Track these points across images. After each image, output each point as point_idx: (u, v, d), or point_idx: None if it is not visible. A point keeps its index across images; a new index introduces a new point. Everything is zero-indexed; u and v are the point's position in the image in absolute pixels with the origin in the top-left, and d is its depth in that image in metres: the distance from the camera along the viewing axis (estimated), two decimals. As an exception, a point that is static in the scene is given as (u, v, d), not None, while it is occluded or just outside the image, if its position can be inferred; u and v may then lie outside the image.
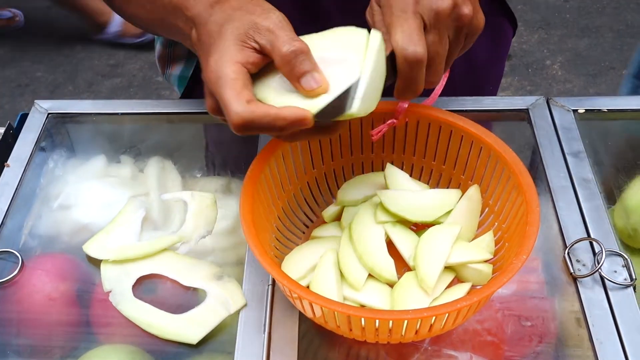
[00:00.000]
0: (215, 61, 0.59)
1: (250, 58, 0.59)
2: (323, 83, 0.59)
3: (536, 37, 2.80)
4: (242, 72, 0.58)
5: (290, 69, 0.58)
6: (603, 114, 0.88)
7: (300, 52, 0.58)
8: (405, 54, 0.59)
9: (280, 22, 0.59)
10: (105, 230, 0.76)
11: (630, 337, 0.65)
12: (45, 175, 0.86)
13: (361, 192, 0.76)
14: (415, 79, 0.61)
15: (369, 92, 0.59)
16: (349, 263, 0.67)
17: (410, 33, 0.59)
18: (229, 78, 0.57)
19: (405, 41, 0.59)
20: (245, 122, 0.56)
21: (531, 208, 0.63)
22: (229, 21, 0.60)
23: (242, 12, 0.61)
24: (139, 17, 0.76)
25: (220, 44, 0.59)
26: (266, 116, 0.56)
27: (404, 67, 0.60)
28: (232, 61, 0.58)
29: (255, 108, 0.56)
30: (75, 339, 0.71)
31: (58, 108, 0.91)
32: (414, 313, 0.57)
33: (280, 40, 0.58)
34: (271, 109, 0.57)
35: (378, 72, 0.60)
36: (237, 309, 0.68)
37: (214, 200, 0.78)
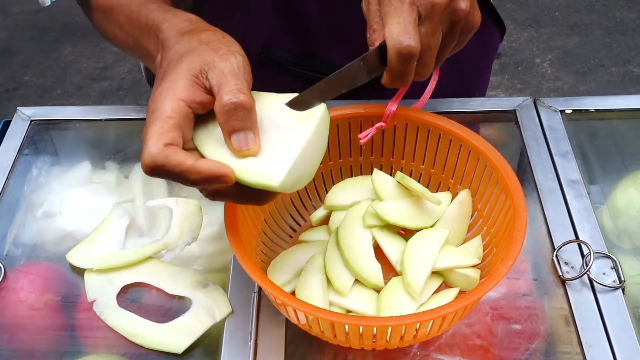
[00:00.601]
0: (160, 92, 0.56)
1: (197, 97, 0.56)
2: (254, 146, 0.56)
3: (526, 35, 2.81)
4: (181, 112, 0.55)
5: (225, 120, 0.56)
6: (590, 114, 0.88)
7: (241, 106, 0.55)
8: (398, 47, 0.58)
9: (237, 68, 0.57)
10: (88, 239, 0.75)
11: (619, 339, 0.64)
12: (29, 183, 0.85)
13: (349, 196, 0.75)
14: (405, 72, 0.60)
15: (298, 169, 0.56)
16: (336, 268, 0.67)
17: (406, 26, 0.58)
18: (164, 115, 0.54)
19: (400, 34, 0.58)
20: (155, 166, 0.53)
21: (518, 213, 0.62)
22: (189, 54, 0.59)
23: (205, 48, 0.59)
24: (116, 36, 0.76)
25: (172, 75, 0.57)
26: (179, 165, 0.53)
27: (395, 60, 0.59)
28: (175, 97, 0.55)
29: (171, 154, 0.53)
30: (59, 350, 0.70)
31: (41, 115, 0.90)
32: (397, 320, 0.56)
33: (226, 88, 0.55)
34: (187, 160, 0.53)
35: (315, 148, 0.58)
36: (223, 317, 0.67)
37: (199, 206, 0.77)
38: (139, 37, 0.69)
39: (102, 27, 0.78)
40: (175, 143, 0.54)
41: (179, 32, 0.62)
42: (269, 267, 0.68)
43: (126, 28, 0.72)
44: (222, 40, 0.60)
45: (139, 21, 0.69)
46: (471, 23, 0.63)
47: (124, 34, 0.73)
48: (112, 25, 0.75)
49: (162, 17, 0.65)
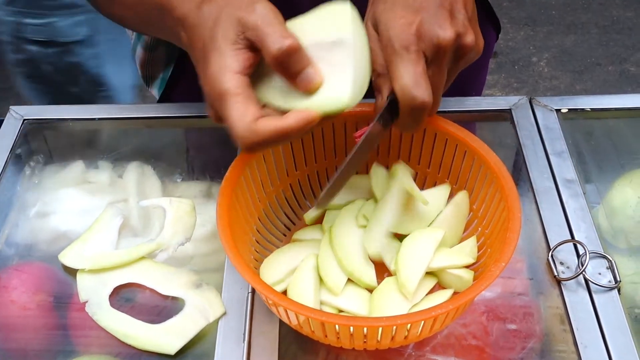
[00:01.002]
0: (214, 74, 0.57)
1: (247, 61, 0.57)
2: (318, 78, 0.57)
3: (522, 34, 2.81)
4: (243, 84, 0.56)
5: (283, 69, 0.57)
6: (586, 113, 0.87)
7: (291, 50, 0.56)
8: (412, 102, 0.58)
9: (267, 15, 0.57)
10: (81, 239, 0.75)
11: (614, 340, 0.64)
12: (22, 183, 0.85)
13: (344, 195, 0.75)
14: (418, 122, 0.61)
15: (358, 78, 0.58)
16: (328, 267, 0.66)
17: (417, 79, 0.57)
18: (231, 94, 0.56)
19: (413, 88, 0.57)
20: (253, 144, 0.55)
21: (512, 214, 0.62)
22: (217, 23, 0.58)
23: (229, 9, 0.58)
24: (126, 18, 0.75)
25: (214, 52, 0.57)
26: (273, 134, 0.55)
27: (408, 112, 0.59)
28: (231, 73, 0.56)
29: (262, 128, 0.55)
30: (51, 350, 0.70)
31: (34, 114, 0.90)
32: (387, 320, 0.56)
33: (269, 40, 0.56)
34: (277, 124, 0.55)
35: (361, 48, 0.59)
36: (216, 318, 0.67)
37: (193, 206, 0.77)
38: (151, 17, 0.69)
39: (110, 11, 0.77)
40: (257, 115, 0.56)
41: (195, 4, 0.61)
42: (261, 265, 0.68)
43: (134, 9, 0.71)
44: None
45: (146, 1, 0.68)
46: (476, 53, 0.62)
47: (133, 14, 0.73)
48: (118, 8, 0.75)
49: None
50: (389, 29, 0.59)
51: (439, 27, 0.58)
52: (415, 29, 0.58)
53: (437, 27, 0.58)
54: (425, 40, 0.58)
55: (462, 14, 0.60)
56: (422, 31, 0.58)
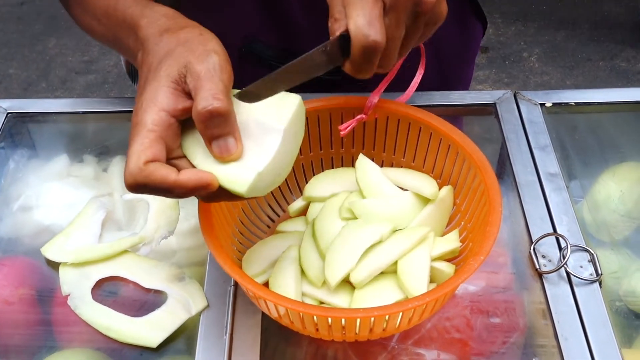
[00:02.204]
0: (141, 104, 0.55)
1: (179, 104, 0.55)
2: (235, 150, 0.56)
3: (513, 29, 2.81)
4: (163, 123, 0.55)
5: (203, 128, 0.55)
6: (571, 107, 0.88)
7: (217, 113, 0.54)
8: (363, 42, 0.56)
9: (214, 70, 0.56)
10: (64, 233, 0.75)
11: (595, 332, 0.64)
12: (5, 177, 0.85)
13: (329, 187, 0.75)
14: (368, 65, 0.59)
15: (269, 173, 0.56)
16: (310, 259, 0.66)
17: (371, 19, 0.56)
18: (144, 129, 0.54)
19: (365, 27, 0.56)
20: (137, 185, 0.53)
21: (493, 207, 0.62)
22: (167, 58, 0.58)
23: (182, 50, 0.58)
24: (94, 30, 0.75)
25: (152, 83, 0.56)
26: (162, 183, 0.53)
27: (359, 53, 0.57)
28: (156, 108, 0.55)
29: (152, 172, 0.53)
30: (34, 344, 0.70)
31: (18, 107, 0.89)
32: (365, 312, 0.56)
33: (200, 95, 0.54)
34: (170, 176, 0.53)
35: (289, 147, 0.58)
36: (199, 311, 0.67)
37: (176, 200, 0.77)
38: (118, 33, 0.68)
39: (81, 20, 0.77)
40: (157, 158, 0.54)
41: (158, 30, 0.61)
42: (244, 256, 0.68)
43: (104, 22, 0.71)
44: (199, 38, 0.59)
45: (117, 16, 0.67)
46: (437, 15, 0.62)
47: (102, 27, 0.72)
48: (89, 19, 0.74)
49: (140, 13, 0.64)
50: None
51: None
52: None
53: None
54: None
55: None
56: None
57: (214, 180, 0.54)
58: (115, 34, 0.69)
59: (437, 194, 0.71)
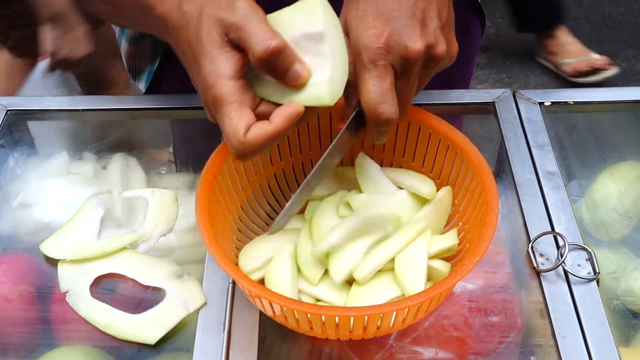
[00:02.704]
0: (207, 80, 0.57)
1: (237, 64, 0.57)
2: (306, 73, 0.57)
3: (513, 29, 2.80)
4: (237, 90, 0.56)
5: (270, 69, 0.57)
6: (569, 106, 0.88)
7: (276, 51, 0.55)
8: (377, 118, 0.58)
9: (248, 15, 0.56)
10: (62, 230, 0.75)
11: (592, 331, 0.64)
12: (5, 174, 0.85)
13: (327, 186, 0.75)
14: (384, 135, 0.61)
15: (336, 73, 0.58)
16: (307, 257, 0.66)
17: (383, 94, 0.57)
18: (225, 102, 0.56)
19: (378, 104, 0.57)
20: (246, 154, 0.56)
21: (490, 208, 0.62)
22: (200, 24, 0.58)
23: (209, 9, 0.58)
24: (106, 13, 0.75)
25: (204, 57, 0.57)
26: (263, 141, 0.55)
27: (374, 128, 0.60)
28: (224, 79, 0.56)
29: (251, 138, 0.55)
30: (33, 341, 0.70)
31: (17, 104, 0.89)
32: (358, 310, 0.56)
33: (253, 41, 0.55)
34: (265, 131, 0.55)
35: (336, 40, 0.59)
36: (197, 308, 0.67)
37: (175, 197, 0.77)
38: (134, 14, 0.68)
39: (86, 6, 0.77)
40: (249, 123, 0.56)
41: (176, 3, 0.61)
42: (241, 252, 0.68)
43: (117, 4, 0.71)
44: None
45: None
46: (449, 61, 0.62)
47: (114, 10, 0.72)
48: (98, 3, 0.74)
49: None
50: (359, 39, 0.58)
51: (408, 39, 0.57)
52: (384, 41, 0.57)
53: (407, 38, 0.57)
54: (394, 52, 0.58)
55: (435, 22, 0.59)
56: (391, 43, 0.57)
57: (298, 108, 0.56)
58: (130, 16, 0.70)
59: (434, 194, 0.72)
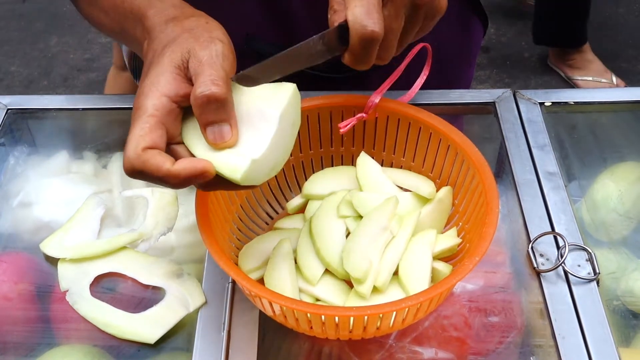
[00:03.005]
0: (143, 89, 0.55)
1: (181, 90, 0.56)
2: (230, 138, 0.55)
3: (514, 29, 2.80)
4: (164, 109, 0.55)
5: (199, 113, 0.55)
6: (570, 106, 0.88)
7: (214, 99, 0.54)
8: (361, 32, 0.56)
9: (216, 57, 0.56)
10: (62, 229, 0.75)
11: (592, 331, 0.64)
12: (5, 172, 0.85)
13: (327, 185, 0.75)
14: (367, 55, 0.59)
15: (265, 161, 0.56)
16: (307, 257, 0.67)
17: (369, 9, 0.56)
18: (145, 114, 0.54)
19: (363, 17, 0.56)
20: (134, 170, 0.54)
21: (490, 208, 0.62)
22: (171, 44, 0.58)
23: (187, 36, 0.58)
24: (102, 23, 0.75)
25: (156, 67, 0.56)
26: (157, 171, 0.53)
27: (357, 43, 0.58)
28: (158, 93, 0.55)
29: (148, 159, 0.53)
30: (32, 340, 0.70)
31: (18, 104, 0.89)
32: (358, 310, 0.56)
33: (200, 79, 0.54)
34: (164, 165, 0.53)
35: (284, 135, 0.58)
36: (197, 307, 0.67)
37: (175, 196, 0.77)
38: (125, 24, 0.68)
39: (88, 13, 0.77)
40: (156, 145, 0.53)
41: (165, 19, 0.61)
42: (241, 252, 0.68)
43: (111, 14, 0.71)
44: (205, 26, 0.59)
45: (124, 7, 0.67)
46: (436, 8, 0.62)
47: (109, 20, 0.72)
48: (97, 12, 0.74)
49: (148, 3, 0.64)
50: None
51: None
52: None
53: None
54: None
55: None
56: None
57: (209, 168, 0.54)
58: (122, 26, 0.69)
59: (434, 194, 0.72)
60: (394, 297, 0.64)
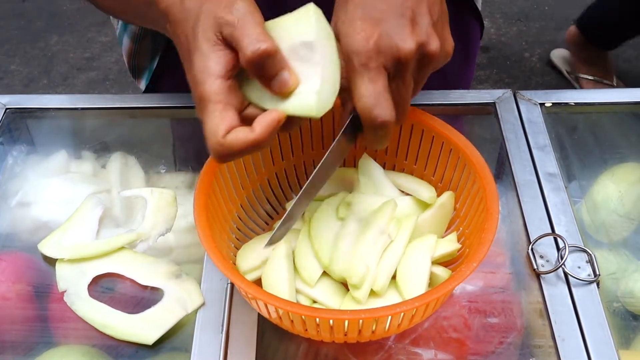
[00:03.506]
0: (196, 76, 0.56)
1: (229, 63, 0.56)
2: (293, 82, 0.56)
3: (515, 29, 2.80)
4: (224, 90, 0.55)
5: (256, 72, 0.56)
6: (570, 107, 0.87)
7: (266, 54, 0.55)
8: (373, 122, 0.56)
9: (245, 15, 0.56)
10: (61, 229, 0.75)
11: (592, 333, 0.64)
12: (4, 172, 0.84)
13: (327, 187, 0.75)
14: (382, 139, 0.59)
15: (325, 85, 0.57)
16: (304, 258, 0.66)
17: (377, 97, 0.56)
18: (210, 101, 0.55)
19: (372, 108, 0.56)
20: (223, 156, 0.55)
21: (490, 214, 0.62)
22: (197, 20, 0.57)
23: (209, 5, 0.57)
24: (110, 7, 0.74)
25: (196, 53, 0.56)
26: (242, 147, 0.54)
27: (371, 131, 0.58)
28: (212, 77, 0.55)
29: (230, 142, 0.54)
30: (30, 340, 0.70)
31: (16, 103, 0.89)
32: (352, 313, 0.56)
33: (245, 42, 0.54)
34: (246, 137, 0.54)
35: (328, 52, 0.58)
36: (195, 308, 0.67)
37: (174, 196, 0.77)
38: (138, 7, 0.68)
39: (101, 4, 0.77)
40: (232, 126, 0.55)
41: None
42: (239, 252, 0.68)
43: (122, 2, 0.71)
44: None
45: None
46: (444, 58, 0.61)
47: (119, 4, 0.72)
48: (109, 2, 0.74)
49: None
50: (349, 44, 0.57)
51: (399, 39, 0.56)
52: (373, 44, 0.56)
53: (397, 39, 0.56)
54: (385, 54, 0.56)
55: (426, 19, 0.58)
56: (382, 45, 0.56)
57: (280, 115, 0.55)
58: (136, 9, 0.69)
59: (435, 199, 0.71)
60: (391, 301, 0.64)
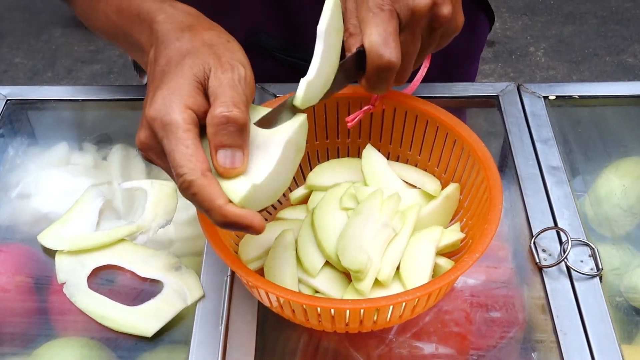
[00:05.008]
0: (164, 99, 0.52)
1: (203, 107, 0.53)
2: (241, 166, 0.52)
3: (520, 23, 2.79)
4: (194, 123, 0.52)
5: (214, 133, 0.52)
6: (574, 100, 0.87)
7: (233, 121, 0.51)
8: (378, 61, 0.56)
9: (238, 81, 0.53)
10: (60, 220, 0.74)
11: (594, 328, 0.64)
12: (4, 163, 0.84)
13: (332, 177, 0.74)
14: (384, 82, 0.59)
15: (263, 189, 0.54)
16: (307, 248, 0.66)
17: (386, 37, 0.56)
18: (180, 128, 0.51)
19: (381, 45, 0.56)
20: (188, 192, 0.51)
21: (494, 205, 0.61)
22: (191, 55, 0.55)
23: (209, 51, 0.55)
24: (103, 30, 0.72)
25: (174, 78, 0.54)
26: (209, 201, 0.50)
27: (373, 71, 0.57)
28: (183, 105, 0.52)
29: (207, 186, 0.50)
30: (30, 332, 0.70)
31: (17, 94, 0.89)
32: (353, 303, 0.56)
33: (221, 99, 0.52)
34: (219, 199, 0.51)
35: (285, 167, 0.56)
36: (195, 301, 0.67)
37: (174, 188, 0.76)
38: (129, 28, 0.66)
39: (87, 15, 0.75)
40: (208, 167, 0.51)
41: (179, 26, 0.59)
42: (241, 241, 0.68)
43: (114, 18, 0.68)
44: (226, 45, 0.57)
45: (130, 11, 0.65)
46: (453, 28, 0.61)
47: (111, 24, 0.69)
48: (98, 14, 0.72)
49: (158, 8, 0.62)
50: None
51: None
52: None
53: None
54: (401, 2, 0.57)
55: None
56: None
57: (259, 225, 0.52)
58: (125, 30, 0.67)
59: (439, 191, 0.71)
60: (394, 292, 0.63)
